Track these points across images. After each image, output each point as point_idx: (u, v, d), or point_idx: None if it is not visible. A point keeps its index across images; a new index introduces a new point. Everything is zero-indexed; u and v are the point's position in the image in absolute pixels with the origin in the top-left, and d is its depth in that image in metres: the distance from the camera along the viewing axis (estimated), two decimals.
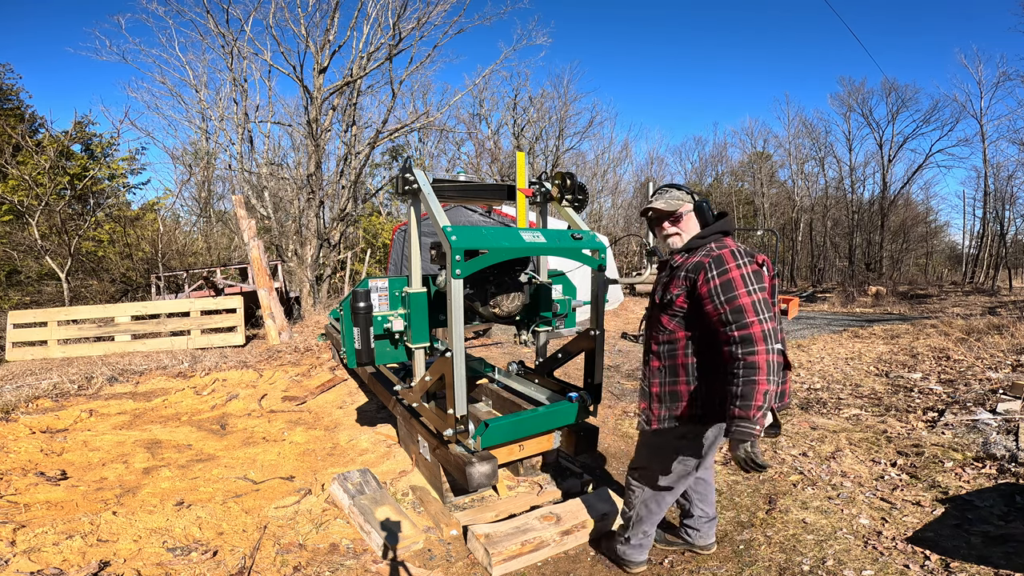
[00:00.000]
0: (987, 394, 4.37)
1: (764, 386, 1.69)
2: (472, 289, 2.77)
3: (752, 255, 1.86)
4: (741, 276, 1.78)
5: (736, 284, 1.77)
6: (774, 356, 1.71)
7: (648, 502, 2.21)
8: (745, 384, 1.71)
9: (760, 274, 1.83)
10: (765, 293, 1.80)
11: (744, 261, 1.81)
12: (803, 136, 29.45)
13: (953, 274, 31.68)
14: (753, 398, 1.70)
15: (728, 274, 1.79)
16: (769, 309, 1.76)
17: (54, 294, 12.97)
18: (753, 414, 1.71)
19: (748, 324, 1.72)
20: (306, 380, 5.78)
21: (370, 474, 3.04)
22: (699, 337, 1.93)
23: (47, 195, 12.52)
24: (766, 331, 1.71)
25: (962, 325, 7.64)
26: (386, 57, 12.30)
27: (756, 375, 1.70)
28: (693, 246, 1.98)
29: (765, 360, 1.70)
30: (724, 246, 1.89)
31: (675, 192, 2.09)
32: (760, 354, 1.70)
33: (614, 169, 30.91)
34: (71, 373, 6.35)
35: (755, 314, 1.73)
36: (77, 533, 2.50)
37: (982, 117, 23.85)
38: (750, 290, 1.76)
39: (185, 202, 23.36)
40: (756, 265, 1.84)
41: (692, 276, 1.87)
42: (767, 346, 1.70)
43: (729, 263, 1.81)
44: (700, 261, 1.87)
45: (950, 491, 2.91)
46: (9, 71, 17.99)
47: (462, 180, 3.00)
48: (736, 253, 1.83)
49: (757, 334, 1.71)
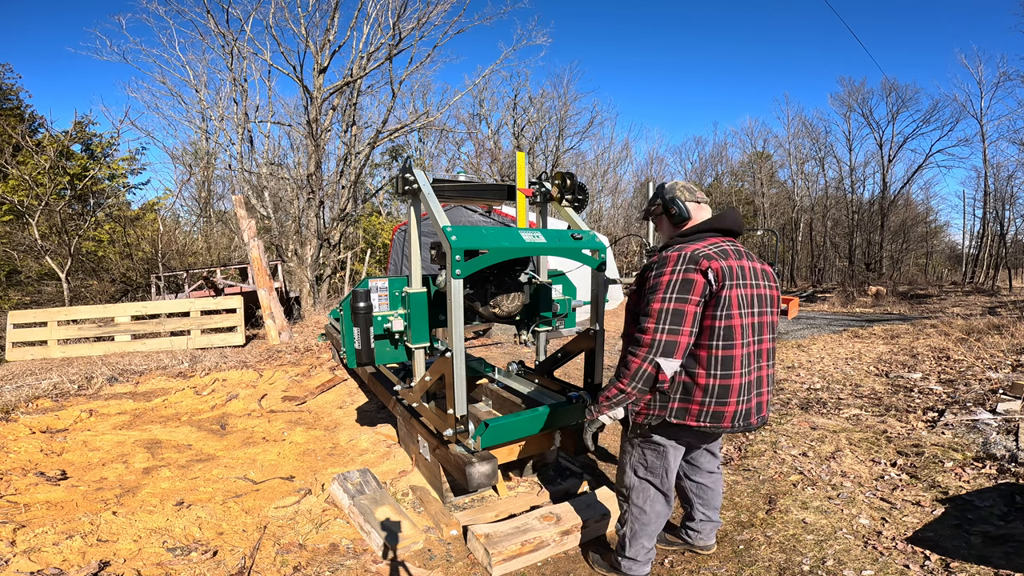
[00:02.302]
0: (987, 394, 4.37)
1: (622, 385, 1.82)
2: (472, 289, 2.77)
3: (697, 262, 1.78)
4: (668, 282, 1.78)
5: (659, 287, 1.79)
6: (646, 365, 1.77)
7: (637, 514, 2.13)
8: (614, 377, 1.87)
9: (690, 283, 1.76)
10: (687, 304, 1.76)
11: (680, 268, 1.78)
12: (803, 136, 29.46)
13: (953, 274, 31.67)
14: (608, 389, 1.88)
15: (660, 277, 1.81)
16: (679, 321, 1.75)
17: (54, 294, 12.96)
18: (601, 400, 1.90)
19: (645, 329, 1.78)
20: (306, 380, 5.78)
21: (370, 474, 3.04)
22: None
23: (47, 195, 12.52)
24: (655, 340, 1.75)
25: (962, 325, 7.64)
26: (386, 57, 12.30)
27: (623, 374, 1.82)
28: (670, 244, 1.98)
29: (636, 365, 1.78)
30: (681, 249, 1.85)
31: (652, 197, 2.12)
32: (636, 358, 1.78)
33: (614, 169, 30.92)
34: (71, 373, 6.35)
35: (655, 322, 1.76)
36: (77, 533, 2.50)
37: (982, 117, 23.84)
38: (665, 297, 1.77)
39: (185, 202, 23.38)
40: (694, 273, 1.78)
41: (645, 274, 1.92)
42: (646, 354, 1.77)
43: (667, 267, 1.81)
44: (653, 260, 1.91)
45: (950, 491, 2.91)
46: (9, 71, 18.03)
47: (462, 180, 3.01)
48: (680, 258, 1.80)
49: (646, 340, 1.77)
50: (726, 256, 1.84)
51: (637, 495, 2.12)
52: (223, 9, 11.46)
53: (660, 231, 2.10)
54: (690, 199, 2.01)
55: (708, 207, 2.06)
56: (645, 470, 2.08)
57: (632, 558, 2.16)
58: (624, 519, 2.19)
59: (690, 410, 1.85)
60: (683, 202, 1.99)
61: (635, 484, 2.12)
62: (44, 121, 17.30)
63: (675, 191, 2.02)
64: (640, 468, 2.09)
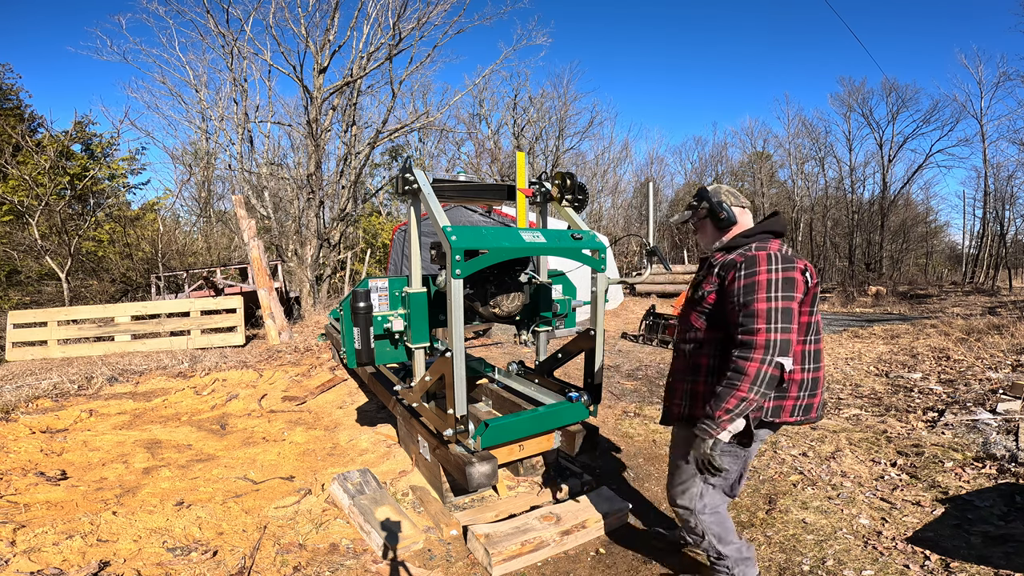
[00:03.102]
0: (987, 394, 4.37)
1: (743, 393, 1.68)
2: (472, 289, 2.77)
3: (791, 260, 1.77)
4: (768, 281, 1.71)
5: (758, 287, 1.71)
6: (768, 367, 1.66)
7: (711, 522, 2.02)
8: (727, 386, 1.71)
9: (792, 281, 1.73)
10: (792, 302, 1.71)
11: (778, 267, 1.73)
12: (803, 136, 29.45)
13: (953, 274, 31.65)
14: (726, 400, 1.70)
15: (755, 276, 1.73)
16: (790, 319, 1.69)
17: (54, 294, 12.96)
18: (719, 415, 1.71)
19: (755, 330, 1.68)
20: (306, 380, 5.78)
21: (370, 474, 3.04)
22: (723, 339, 1.86)
23: (47, 195, 12.52)
24: (771, 341, 1.66)
25: (962, 325, 7.64)
26: (386, 57, 12.30)
27: (739, 381, 1.68)
28: (734, 245, 1.93)
29: (756, 368, 1.66)
30: (764, 247, 1.82)
31: (694, 200, 2.08)
32: (753, 362, 1.67)
33: (614, 169, 30.92)
34: (71, 373, 6.35)
35: (766, 321, 1.67)
36: (77, 533, 2.50)
37: (982, 117, 23.82)
38: (771, 296, 1.69)
39: (185, 202, 23.38)
40: (793, 271, 1.74)
41: (723, 274, 1.84)
42: (765, 356, 1.66)
43: (760, 265, 1.74)
44: (733, 260, 1.83)
45: (950, 491, 2.91)
46: (8, 71, 18.01)
47: (462, 180, 3.00)
48: (772, 257, 1.75)
49: (760, 342, 1.67)
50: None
51: (708, 504, 2.00)
52: (223, 9, 11.48)
53: (702, 234, 2.08)
54: (736, 203, 2.01)
55: (749, 212, 2.06)
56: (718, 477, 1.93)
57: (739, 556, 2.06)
58: (700, 531, 2.03)
59: (784, 406, 1.83)
60: (730, 207, 1.98)
61: (706, 491, 1.99)
62: (44, 121, 17.36)
63: (721, 195, 2.01)
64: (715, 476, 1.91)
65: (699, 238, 2.11)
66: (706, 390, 1.90)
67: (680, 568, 2.38)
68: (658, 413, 4.55)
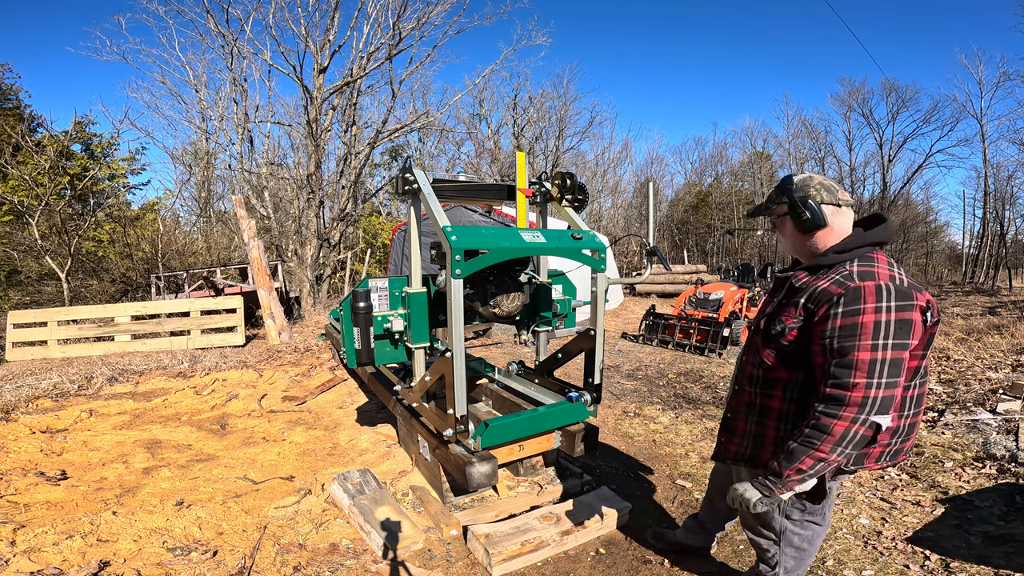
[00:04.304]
0: (987, 394, 4.37)
1: (822, 454, 1.41)
2: (472, 289, 2.77)
3: (909, 295, 1.39)
4: (876, 324, 1.36)
5: (863, 332, 1.36)
6: (860, 427, 1.38)
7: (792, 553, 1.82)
8: (803, 443, 1.44)
9: (908, 325, 1.38)
10: (905, 352, 1.38)
11: (891, 304, 1.37)
12: (803, 136, 29.48)
13: (953, 274, 31.64)
14: (800, 460, 1.43)
15: (858, 317, 1.37)
16: (898, 373, 1.37)
17: (54, 294, 12.96)
18: (787, 474, 1.46)
19: (851, 384, 1.37)
20: (306, 380, 5.78)
21: (370, 474, 3.04)
22: (807, 381, 1.55)
23: (47, 195, 12.52)
24: (869, 398, 1.35)
25: (962, 325, 7.64)
26: (386, 57, 12.30)
27: (820, 440, 1.40)
28: (828, 262, 1.53)
29: (843, 428, 1.38)
30: (871, 275, 1.43)
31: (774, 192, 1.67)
32: (842, 421, 1.38)
33: (614, 169, 30.92)
34: (71, 373, 6.35)
35: (867, 376, 1.35)
36: (77, 533, 2.50)
37: (982, 117, 23.80)
38: (877, 344, 1.35)
39: (185, 202, 23.38)
40: (911, 312, 1.38)
41: (811, 307, 1.48)
42: (858, 415, 1.37)
43: (868, 302, 1.38)
44: (827, 290, 1.45)
45: (950, 491, 2.91)
46: (8, 70, 17.99)
47: (462, 180, 3.00)
48: (884, 290, 1.38)
49: (855, 399, 1.36)
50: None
51: (795, 536, 1.78)
52: (223, 9, 11.47)
53: (781, 235, 1.69)
54: (828, 200, 1.56)
55: (851, 211, 1.61)
56: (802, 513, 1.74)
57: None
58: (772, 561, 1.86)
59: (870, 454, 1.54)
60: (818, 204, 1.55)
61: (788, 527, 1.77)
62: (44, 121, 17.38)
63: (810, 188, 1.58)
64: (795, 512, 1.74)
65: (780, 239, 1.76)
66: (776, 436, 1.62)
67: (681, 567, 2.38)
68: (658, 412, 4.55)
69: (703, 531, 2.39)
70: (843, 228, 1.58)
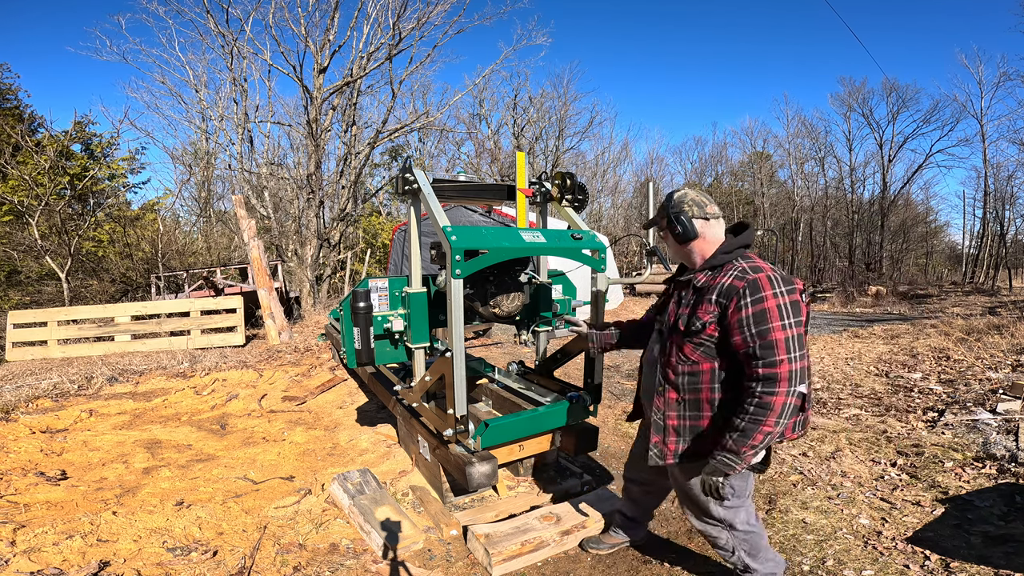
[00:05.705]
0: (987, 394, 4.37)
1: (769, 428, 1.62)
2: (472, 289, 2.77)
3: (790, 281, 1.69)
4: (778, 307, 1.63)
5: (771, 316, 1.62)
6: (792, 399, 1.61)
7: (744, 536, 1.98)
8: (751, 421, 1.64)
9: (798, 305, 1.66)
10: (802, 327, 1.65)
11: (782, 290, 1.65)
12: (803, 136, 29.46)
13: (953, 274, 31.66)
14: (752, 436, 1.64)
15: (763, 303, 1.63)
16: (802, 345, 1.64)
17: (54, 294, 12.96)
18: (743, 451, 1.66)
19: (776, 362, 1.60)
20: (306, 380, 5.78)
21: (370, 474, 3.04)
22: (727, 368, 1.77)
23: (47, 195, 12.52)
24: (793, 371, 1.60)
25: (962, 325, 7.64)
26: (386, 57, 12.30)
27: (765, 416, 1.62)
28: (719, 263, 1.78)
29: (781, 402, 1.61)
30: (759, 268, 1.70)
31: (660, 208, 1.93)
32: (779, 395, 1.61)
33: (614, 169, 30.93)
34: (71, 373, 6.35)
35: (786, 351, 1.60)
36: (77, 533, 2.50)
37: (982, 117, 23.84)
38: (785, 324, 1.62)
39: (185, 202, 23.40)
40: (796, 294, 1.68)
41: (723, 301, 1.70)
42: (789, 387, 1.61)
43: (766, 290, 1.64)
44: (733, 285, 1.69)
45: (950, 491, 2.91)
46: (7, 70, 17.98)
47: (462, 180, 3.01)
48: (773, 280, 1.66)
49: (783, 374, 1.60)
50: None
51: (736, 520, 1.95)
52: (223, 9, 11.48)
53: (668, 245, 1.94)
54: (698, 215, 1.82)
55: (722, 221, 1.87)
56: (733, 497, 1.91)
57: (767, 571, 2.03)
58: (729, 547, 2.01)
59: (793, 424, 1.74)
60: (689, 219, 1.82)
61: (727, 513, 1.94)
62: (44, 121, 17.36)
63: (684, 204, 1.84)
64: (728, 498, 1.89)
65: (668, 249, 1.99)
66: (711, 424, 1.80)
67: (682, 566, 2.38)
68: None
69: (638, 524, 2.50)
70: (716, 236, 1.84)
